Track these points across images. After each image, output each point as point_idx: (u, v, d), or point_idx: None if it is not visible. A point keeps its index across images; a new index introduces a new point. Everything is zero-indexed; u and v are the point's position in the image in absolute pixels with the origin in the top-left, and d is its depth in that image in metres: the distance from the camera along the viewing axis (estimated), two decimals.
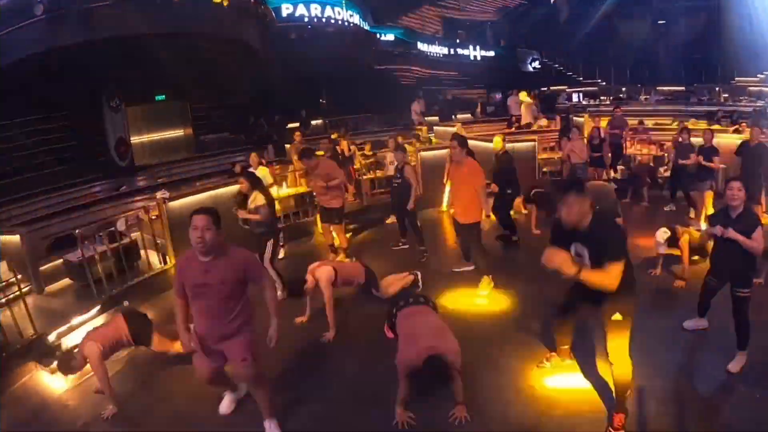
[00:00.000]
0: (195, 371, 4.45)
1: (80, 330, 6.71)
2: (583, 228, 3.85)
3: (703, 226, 7.46)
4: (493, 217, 7.86)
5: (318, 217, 9.28)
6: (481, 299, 6.89)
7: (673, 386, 4.85)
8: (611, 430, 4.18)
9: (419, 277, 7.22)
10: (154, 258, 8.91)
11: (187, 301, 4.18)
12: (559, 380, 4.98)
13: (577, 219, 3.83)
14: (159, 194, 9.72)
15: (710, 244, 5.51)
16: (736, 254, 4.86)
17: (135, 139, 16.36)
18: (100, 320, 6.88)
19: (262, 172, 9.73)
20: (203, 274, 3.96)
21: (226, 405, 4.92)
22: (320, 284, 6.25)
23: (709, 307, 5.55)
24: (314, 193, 8.86)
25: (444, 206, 10.36)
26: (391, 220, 9.81)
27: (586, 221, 3.84)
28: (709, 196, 9.06)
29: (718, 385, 4.86)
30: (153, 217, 9.18)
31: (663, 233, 6.91)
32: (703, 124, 14.58)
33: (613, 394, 4.29)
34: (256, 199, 7.05)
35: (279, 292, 7.29)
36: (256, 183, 7.35)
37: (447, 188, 8.18)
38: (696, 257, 6.76)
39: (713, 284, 5.33)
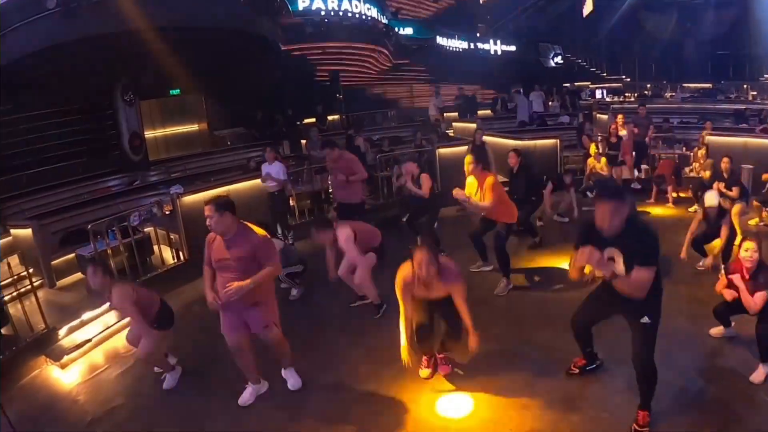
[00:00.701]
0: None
1: (91, 325, 6.77)
2: (617, 232, 3.79)
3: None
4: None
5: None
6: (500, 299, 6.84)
7: (695, 392, 4.76)
8: (636, 427, 4.19)
9: None
10: (167, 253, 8.97)
11: (212, 269, 4.78)
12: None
13: (613, 224, 3.77)
14: (173, 189, 9.77)
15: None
16: None
17: (149, 134, 16.41)
18: (111, 316, 6.93)
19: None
20: (224, 251, 4.59)
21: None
22: (340, 243, 6.28)
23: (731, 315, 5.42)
24: (331, 189, 8.78)
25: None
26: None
27: (620, 226, 3.79)
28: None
29: (741, 392, 4.74)
30: (167, 213, 9.23)
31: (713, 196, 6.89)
32: None
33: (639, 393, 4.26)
34: None
35: (294, 291, 7.39)
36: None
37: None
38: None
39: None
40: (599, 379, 4.99)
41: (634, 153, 11.89)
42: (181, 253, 8.75)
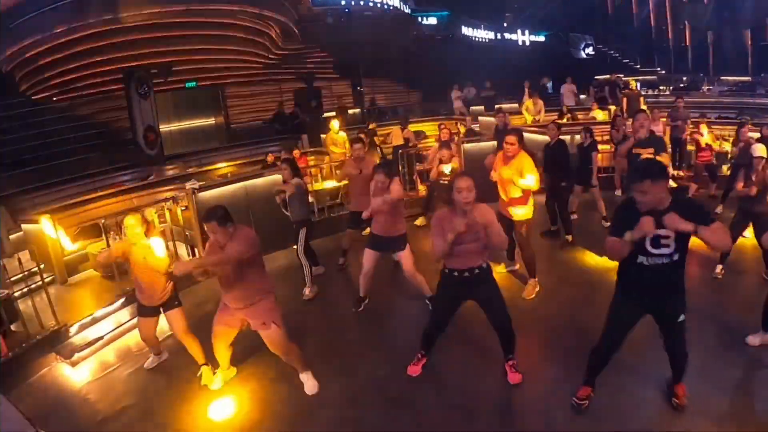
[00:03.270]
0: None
1: (103, 323, 6.81)
2: (663, 210, 3.79)
3: None
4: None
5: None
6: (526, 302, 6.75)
7: (729, 406, 4.68)
8: (676, 401, 4.53)
9: None
10: (182, 250, 8.98)
11: None
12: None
13: (654, 204, 3.81)
14: (188, 184, 9.78)
15: None
16: None
17: (164, 128, 16.50)
18: (124, 313, 6.97)
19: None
20: (219, 251, 4.76)
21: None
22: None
23: None
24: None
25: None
26: (421, 221, 9.82)
27: (664, 204, 3.82)
28: None
29: None
30: (182, 208, 9.24)
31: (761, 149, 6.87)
32: None
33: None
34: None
35: (307, 290, 7.37)
36: (297, 170, 7.47)
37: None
38: None
39: None
40: (629, 391, 4.85)
41: (670, 149, 11.64)
42: (196, 250, 8.76)
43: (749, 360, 5.26)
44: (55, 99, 14.90)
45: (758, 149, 6.93)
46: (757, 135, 9.44)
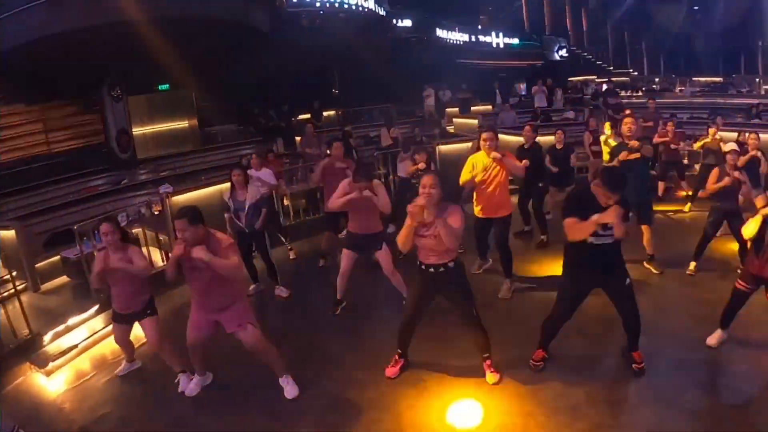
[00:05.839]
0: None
1: (77, 331, 6.76)
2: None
3: None
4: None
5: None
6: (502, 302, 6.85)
7: (706, 400, 4.84)
8: (636, 366, 5.09)
9: None
10: (156, 255, 8.94)
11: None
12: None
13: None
14: (162, 189, 9.76)
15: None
16: None
17: (137, 131, 16.37)
18: (98, 320, 6.93)
19: None
20: (192, 257, 4.67)
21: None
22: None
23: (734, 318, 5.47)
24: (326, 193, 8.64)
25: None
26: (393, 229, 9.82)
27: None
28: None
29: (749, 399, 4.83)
30: (156, 213, 9.21)
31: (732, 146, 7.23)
32: None
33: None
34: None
35: (282, 290, 7.45)
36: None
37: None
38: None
39: (748, 290, 5.25)
40: (605, 386, 5.03)
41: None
42: (170, 255, 8.71)
43: (724, 354, 5.42)
44: None
45: (728, 145, 7.26)
46: (725, 134, 9.67)
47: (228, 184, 7.52)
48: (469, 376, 5.25)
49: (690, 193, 10.36)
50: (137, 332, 5.71)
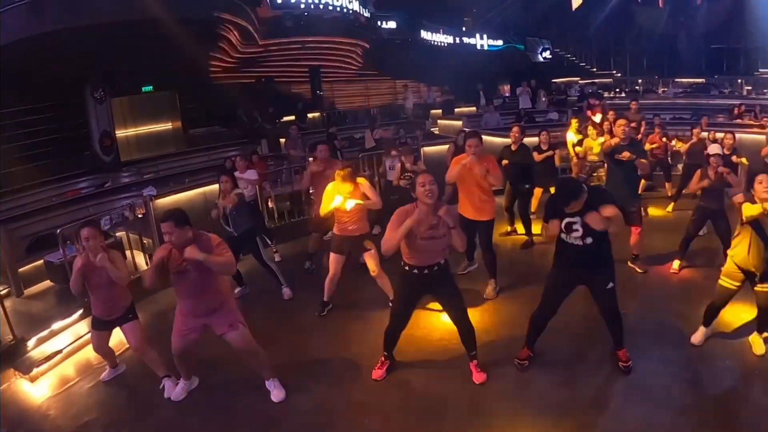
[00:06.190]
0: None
1: (61, 336, 6.72)
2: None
3: None
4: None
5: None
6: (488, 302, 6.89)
7: (693, 396, 4.88)
8: (622, 365, 5.15)
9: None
10: (140, 258, 8.89)
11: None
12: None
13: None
14: (146, 191, 9.70)
15: None
16: None
17: (120, 133, 16.27)
18: (82, 325, 6.88)
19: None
20: (180, 260, 4.69)
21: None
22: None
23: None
24: (312, 197, 8.65)
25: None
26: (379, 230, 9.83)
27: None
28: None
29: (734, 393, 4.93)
30: (139, 216, 9.16)
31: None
32: None
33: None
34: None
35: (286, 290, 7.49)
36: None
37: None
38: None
39: (732, 287, 5.28)
40: (592, 385, 5.08)
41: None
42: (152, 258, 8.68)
43: (711, 351, 5.48)
44: None
45: (714, 148, 7.40)
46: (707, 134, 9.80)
47: (216, 186, 7.55)
48: (455, 377, 5.28)
49: (672, 194, 10.46)
50: (120, 337, 5.70)
